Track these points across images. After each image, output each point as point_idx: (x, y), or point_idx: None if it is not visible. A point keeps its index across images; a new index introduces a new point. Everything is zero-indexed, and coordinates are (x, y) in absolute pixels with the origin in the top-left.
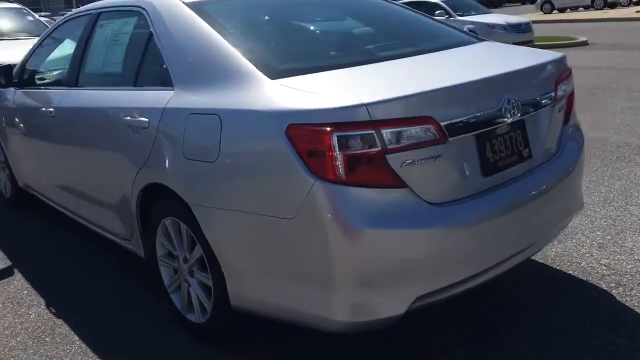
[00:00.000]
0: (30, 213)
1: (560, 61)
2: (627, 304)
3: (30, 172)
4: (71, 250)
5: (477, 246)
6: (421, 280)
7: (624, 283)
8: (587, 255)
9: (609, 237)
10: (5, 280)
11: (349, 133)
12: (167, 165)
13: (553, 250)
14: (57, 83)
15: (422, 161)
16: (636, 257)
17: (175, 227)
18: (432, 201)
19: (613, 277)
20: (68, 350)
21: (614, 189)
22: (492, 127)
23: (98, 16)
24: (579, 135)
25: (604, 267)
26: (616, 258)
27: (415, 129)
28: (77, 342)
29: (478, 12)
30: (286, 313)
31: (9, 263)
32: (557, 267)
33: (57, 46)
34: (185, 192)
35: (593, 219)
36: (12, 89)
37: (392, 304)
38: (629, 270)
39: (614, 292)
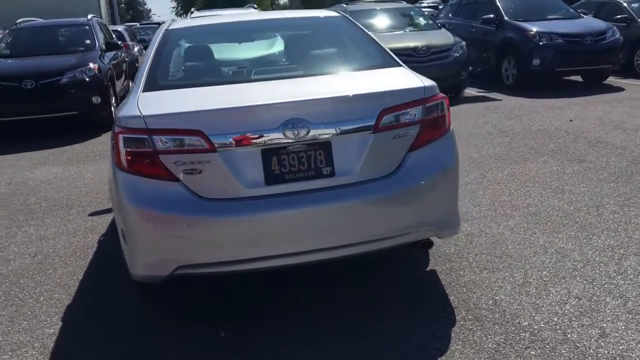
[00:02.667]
0: None
1: (402, 92)
2: (459, 338)
3: None
4: None
5: (242, 237)
6: (182, 254)
7: (484, 319)
8: (495, 288)
9: (547, 279)
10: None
11: (129, 136)
12: None
13: (473, 276)
14: None
15: (193, 164)
16: (536, 302)
17: None
18: (204, 196)
19: (483, 312)
20: (80, 264)
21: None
22: (278, 145)
23: None
24: (437, 161)
25: (489, 302)
26: (516, 298)
27: (184, 138)
28: (88, 257)
29: None
30: (127, 263)
31: None
32: (449, 291)
33: None
34: None
35: (562, 260)
36: None
37: (158, 267)
38: (507, 311)
39: (465, 324)
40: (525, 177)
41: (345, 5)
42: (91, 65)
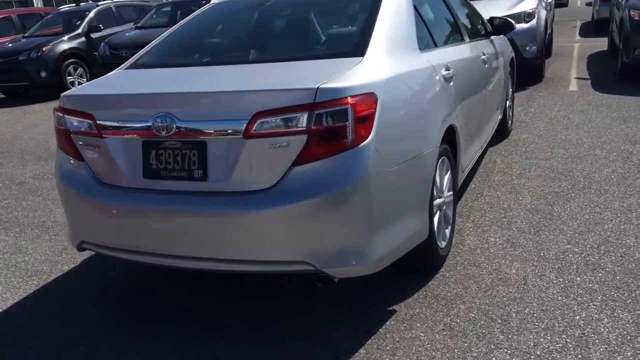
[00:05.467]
0: None
1: (283, 94)
2: None
3: None
4: None
5: (118, 226)
6: (83, 230)
7: None
8: (417, 354)
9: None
10: None
11: (57, 114)
12: None
13: (420, 334)
14: None
15: (89, 147)
16: None
17: None
18: (100, 179)
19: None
20: None
21: None
22: (156, 138)
23: None
24: (330, 181)
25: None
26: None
27: (82, 121)
28: None
29: None
30: None
31: None
32: (363, 340)
33: None
34: None
35: (568, 348)
36: None
37: (72, 238)
38: None
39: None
40: None
41: None
42: None
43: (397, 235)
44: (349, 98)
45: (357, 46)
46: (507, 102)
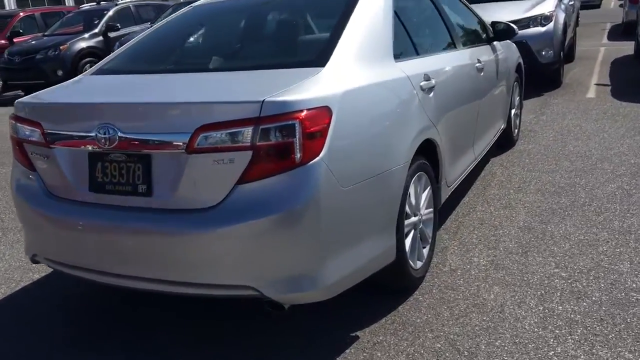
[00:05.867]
0: None
1: (227, 107)
2: None
3: None
4: None
5: (65, 241)
6: (34, 243)
7: None
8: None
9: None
10: None
11: (10, 122)
12: None
13: None
14: None
15: (39, 157)
16: None
17: None
18: (51, 191)
19: None
20: None
21: None
22: (101, 150)
23: None
24: (275, 202)
25: None
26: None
27: (31, 129)
28: None
29: None
30: None
31: None
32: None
33: None
34: None
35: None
36: None
37: (26, 250)
38: None
39: None
40: None
41: None
42: None
43: (355, 258)
44: (298, 112)
45: (319, 55)
46: (513, 111)
